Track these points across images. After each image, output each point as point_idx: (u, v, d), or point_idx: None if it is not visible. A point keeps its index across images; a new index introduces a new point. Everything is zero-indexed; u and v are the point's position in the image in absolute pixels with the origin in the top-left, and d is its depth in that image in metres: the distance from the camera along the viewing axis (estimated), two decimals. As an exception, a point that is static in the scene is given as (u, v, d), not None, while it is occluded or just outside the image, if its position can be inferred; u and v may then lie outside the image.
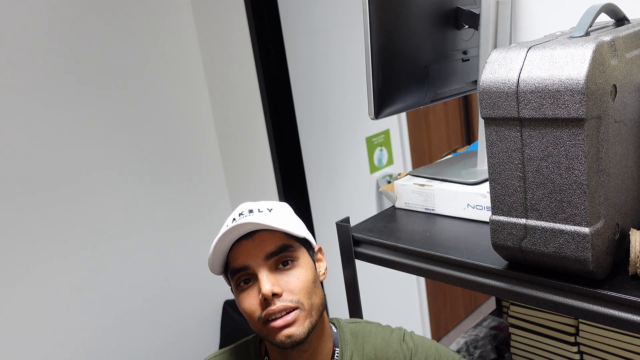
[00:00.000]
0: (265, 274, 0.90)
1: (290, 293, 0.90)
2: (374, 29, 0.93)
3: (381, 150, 2.46)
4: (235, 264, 0.93)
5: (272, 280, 0.90)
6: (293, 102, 2.10)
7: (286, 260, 0.93)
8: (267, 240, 0.92)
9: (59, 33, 1.80)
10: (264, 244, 0.92)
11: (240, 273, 0.93)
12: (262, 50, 2.00)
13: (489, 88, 0.74)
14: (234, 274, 0.94)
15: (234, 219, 0.95)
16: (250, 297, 0.92)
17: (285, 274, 0.92)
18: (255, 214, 0.94)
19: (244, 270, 0.92)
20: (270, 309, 0.89)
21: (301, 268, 0.94)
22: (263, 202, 0.99)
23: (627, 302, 0.70)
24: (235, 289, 0.96)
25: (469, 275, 0.87)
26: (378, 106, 0.99)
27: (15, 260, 1.75)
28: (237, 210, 0.98)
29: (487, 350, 1.32)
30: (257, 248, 0.92)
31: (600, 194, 0.71)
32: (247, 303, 0.92)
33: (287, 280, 0.92)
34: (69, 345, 1.89)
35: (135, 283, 2.04)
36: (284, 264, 0.93)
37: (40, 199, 1.79)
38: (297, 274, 0.93)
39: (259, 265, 0.91)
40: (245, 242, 0.92)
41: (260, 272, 0.91)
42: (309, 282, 0.93)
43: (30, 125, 1.76)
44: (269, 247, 0.92)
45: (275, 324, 0.89)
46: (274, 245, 0.92)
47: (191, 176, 2.19)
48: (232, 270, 0.94)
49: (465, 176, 1.06)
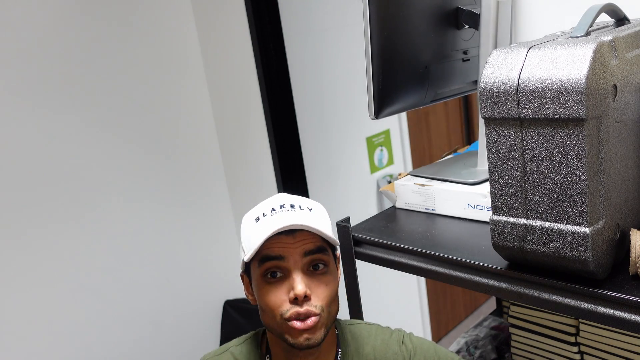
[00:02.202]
0: (300, 274, 0.90)
1: (317, 299, 0.90)
2: (374, 29, 0.93)
3: (381, 150, 2.46)
4: (270, 251, 0.91)
5: (305, 282, 0.89)
6: (293, 102, 2.10)
7: (318, 264, 0.92)
8: (307, 239, 0.91)
9: (59, 33, 1.80)
10: (303, 241, 0.91)
11: (273, 262, 0.91)
12: (262, 50, 2.00)
13: (490, 88, 0.74)
14: (264, 261, 0.91)
15: (273, 208, 0.93)
16: (279, 292, 0.90)
17: (316, 278, 0.91)
18: (297, 211, 0.93)
19: (278, 259, 0.90)
20: (298, 309, 0.88)
21: (330, 275, 0.93)
22: (302, 198, 0.98)
23: (628, 302, 0.70)
24: (260, 278, 0.93)
25: (469, 275, 0.87)
26: (378, 106, 0.99)
27: (15, 259, 1.75)
28: (276, 200, 0.96)
29: (487, 350, 1.32)
30: (296, 244, 0.90)
31: (600, 194, 0.71)
32: (274, 297, 0.90)
33: (318, 285, 0.91)
34: (69, 345, 1.89)
35: (136, 283, 2.04)
36: (314, 268, 0.91)
37: (40, 198, 1.79)
38: (327, 281, 0.92)
39: (295, 262, 0.90)
40: (285, 237, 0.90)
41: (294, 270, 0.90)
42: (334, 291, 0.93)
43: (30, 125, 1.76)
44: (309, 246, 0.91)
45: (296, 325, 0.88)
46: (313, 245, 0.91)
47: (191, 176, 2.19)
48: (265, 257, 0.91)
49: (465, 176, 1.06)
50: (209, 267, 2.27)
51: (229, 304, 2.31)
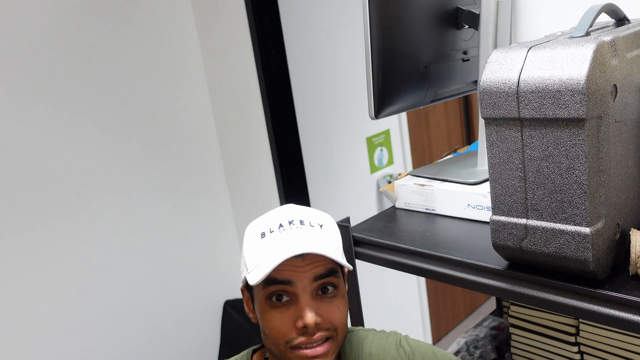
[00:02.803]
0: (309, 301, 0.83)
1: (329, 323, 0.85)
2: (374, 29, 0.93)
3: (381, 150, 2.46)
4: (277, 275, 0.84)
5: (315, 309, 0.83)
6: (293, 102, 2.10)
7: (327, 287, 0.86)
8: (318, 262, 0.84)
9: (58, 33, 1.80)
10: (313, 265, 0.84)
11: (279, 286, 0.84)
12: (262, 50, 2.00)
13: (490, 88, 0.74)
14: (270, 284, 0.84)
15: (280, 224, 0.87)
16: (284, 318, 0.84)
17: (326, 301, 0.86)
18: (307, 229, 0.86)
19: (285, 284, 0.84)
20: (309, 338, 0.83)
21: (341, 298, 0.88)
22: (311, 211, 0.91)
23: (628, 302, 0.70)
24: (264, 301, 0.86)
25: (470, 275, 0.87)
26: (378, 106, 0.99)
27: (15, 259, 1.75)
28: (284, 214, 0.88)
29: (487, 350, 1.32)
30: (306, 267, 0.84)
31: (600, 194, 0.71)
32: (279, 323, 0.84)
33: (328, 310, 0.85)
34: (69, 344, 1.88)
35: (135, 283, 2.04)
36: (324, 291, 0.86)
37: (39, 197, 1.79)
38: (338, 304, 0.87)
39: (304, 287, 0.84)
40: (294, 259, 0.83)
41: (303, 296, 0.84)
42: (346, 315, 0.88)
43: (29, 124, 1.76)
44: (319, 269, 0.84)
45: (306, 352, 0.83)
46: (324, 268, 0.85)
47: (191, 176, 2.19)
48: (271, 280, 0.84)
49: (465, 176, 1.06)
50: (209, 267, 2.27)
51: (229, 304, 2.31)
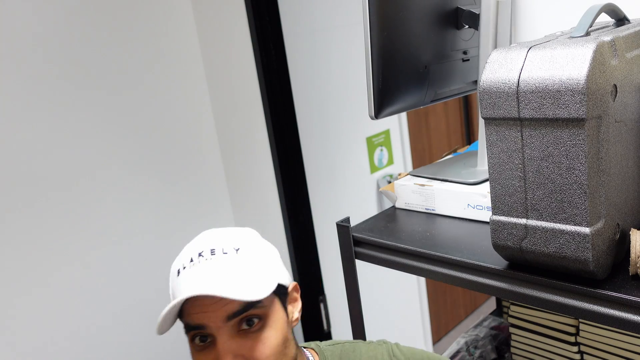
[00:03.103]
0: (225, 341, 0.76)
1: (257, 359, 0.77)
2: (374, 29, 0.93)
3: (381, 150, 2.46)
4: (189, 319, 0.79)
5: (234, 348, 0.76)
6: (293, 102, 2.10)
7: (252, 319, 0.78)
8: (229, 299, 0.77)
9: (58, 33, 1.80)
10: (224, 302, 0.77)
11: (195, 331, 0.79)
12: (262, 50, 2.00)
13: (489, 88, 0.74)
14: (188, 330, 0.80)
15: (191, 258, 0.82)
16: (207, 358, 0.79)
17: (250, 337, 0.77)
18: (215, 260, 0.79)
19: (200, 328, 0.78)
20: None
21: (270, 328, 0.79)
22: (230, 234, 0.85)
23: (628, 302, 0.70)
24: (190, 343, 0.82)
25: (469, 275, 0.87)
26: (378, 106, 0.99)
27: (15, 260, 1.75)
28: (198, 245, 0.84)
29: (487, 350, 1.32)
30: (216, 304, 0.77)
31: (600, 194, 0.71)
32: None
33: (252, 347, 0.77)
34: (69, 344, 1.88)
35: (135, 283, 2.04)
36: (249, 323, 0.78)
37: (40, 199, 1.79)
38: (265, 337, 0.77)
39: (218, 328, 0.77)
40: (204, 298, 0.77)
41: (219, 337, 0.77)
42: (279, 345, 0.79)
43: (29, 124, 1.76)
44: (231, 307, 0.77)
45: None
46: (237, 305, 0.77)
47: (191, 176, 2.19)
48: (187, 326, 0.80)
49: (465, 176, 1.06)
50: (209, 267, 2.27)
51: (229, 304, 2.31)
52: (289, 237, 2.17)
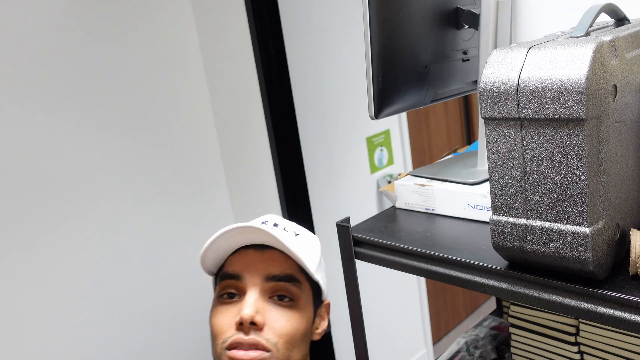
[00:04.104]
0: (254, 296, 0.75)
1: (271, 332, 0.75)
2: (374, 29, 0.93)
3: (381, 150, 2.46)
4: (229, 268, 0.78)
5: (259, 307, 0.74)
6: (293, 102, 2.10)
7: (284, 295, 0.77)
8: (276, 261, 0.77)
9: (58, 33, 1.80)
10: (271, 262, 0.77)
11: (229, 281, 0.77)
12: (262, 50, 2.00)
13: (489, 88, 0.74)
14: (222, 278, 0.78)
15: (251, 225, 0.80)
16: (227, 314, 0.76)
17: (276, 309, 0.76)
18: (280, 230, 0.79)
19: (235, 279, 0.77)
20: (240, 337, 0.73)
21: (296, 312, 0.78)
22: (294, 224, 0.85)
23: (628, 302, 0.70)
24: (216, 299, 0.80)
25: (469, 275, 0.87)
26: (378, 106, 0.99)
27: (15, 260, 1.75)
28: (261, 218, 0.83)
29: (487, 350, 1.32)
30: (261, 263, 0.76)
31: (600, 194, 0.71)
32: (220, 320, 0.77)
33: (274, 317, 0.75)
34: (69, 344, 1.88)
35: (135, 283, 2.04)
36: (280, 298, 0.77)
37: (38, 198, 1.79)
38: (290, 316, 0.77)
39: (254, 283, 0.76)
40: (253, 252, 0.77)
41: (250, 291, 0.75)
42: (298, 332, 0.77)
43: (28, 125, 1.76)
44: (274, 269, 0.77)
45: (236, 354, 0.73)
46: (280, 269, 0.77)
47: (191, 176, 2.19)
48: (223, 274, 0.78)
49: (465, 176, 1.06)
50: (209, 267, 2.27)
51: (229, 304, 2.31)
52: (289, 237, 2.17)
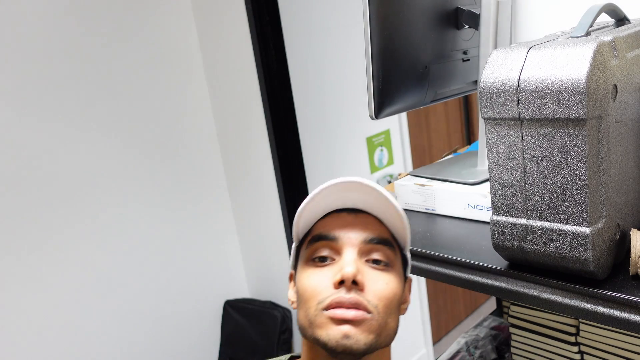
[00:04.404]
0: (353, 256, 0.71)
1: (371, 294, 0.70)
2: (374, 29, 0.93)
3: (381, 151, 2.46)
4: (323, 229, 0.73)
5: (359, 267, 0.70)
6: (293, 102, 2.10)
7: (380, 260, 0.73)
8: (372, 225, 0.74)
9: (58, 34, 1.80)
10: (367, 226, 0.73)
11: (323, 242, 0.72)
12: (262, 50, 2.00)
13: (490, 88, 0.74)
14: (315, 240, 0.73)
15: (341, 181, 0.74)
16: (323, 276, 0.71)
17: (373, 271, 0.72)
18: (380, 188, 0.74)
19: (330, 239, 0.72)
20: (341, 296, 0.68)
21: (393, 277, 0.74)
22: None
23: (628, 302, 0.70)
24: (305, 263, 0.74)
25: (470, 275, 0.87)
26: (378, 106, 0.99)
27: (16, 260, 1.75)
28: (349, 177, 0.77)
29: (487, 350, 1.32)
30: (357, 225, 0.73)
31: (600, 194, 0.71)
32: (314, 281, 0.71)
33: (373, 279, 0.71)
34: (69, 344, 1.88)
35: (136, 283, 2.04)
36: (375, 262, 0.73)
37: (40, 199, 1.79)
38: (388, 279, 0.73)
39: (351, 244, 0.72)
40: (346, 215, 0.73)
41: (347, 251, 0.71)
42: (396, 297, 0.73)
43: (30, 127, 1.76)
44: (371, 232, 0.73)
45: (336, 313, 0.67)
46: (377, 233, 0.73)
47: (191, 176, 2.19)
48: (316, 236, 0.73)
49: (465, 176, 1.06)
50: (209, 267, 2.27)
51: (229, 304, 2.31)
52: (289, 238, 2.17)
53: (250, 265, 2.37)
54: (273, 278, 2.29)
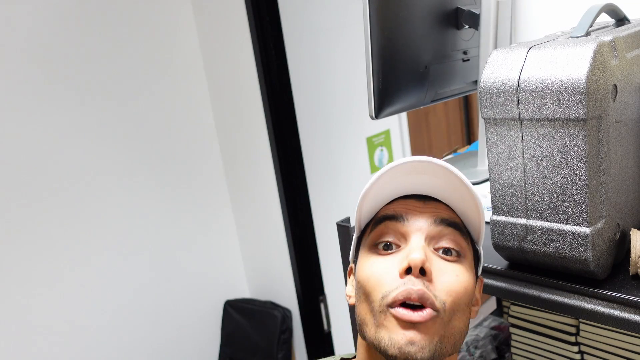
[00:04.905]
0: (421, 242, 0.64)
1: (439, 287, 0.63)
2: (374, 29, 0.93)
3: (382, 151, 2.46)
4: (389, 211, 0.67)
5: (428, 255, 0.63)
6: (293, 102, 2.10)
7: (450, 249, 0.66)
8: (442, 209, 0.67)
9: (58, 34, 1.80)
10: (436, 210, 0.67)
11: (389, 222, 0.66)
12: (262, 50, 2.00)
13: (490, 88, 0.74)
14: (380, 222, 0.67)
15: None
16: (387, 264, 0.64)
17: (444, 262, 0.65)
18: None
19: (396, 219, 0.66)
20: (408, 288, 0.61)
21: (465, 270, 0.66)
22: None
23: (628, 302, 0.70)
24: (367, 250, 0.68)
25: (470, 275, 0.87)
26: (378, 106, 0.99)
27: (16, 260, 1.75)
28: None
29: (487, 350, 1.32)
30: (425, 209, 0.67)
31: (600, 194, 0.71)
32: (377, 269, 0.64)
33: (442, 269, 0.64)
34: (69, 344, 1.88)
35: (136, 283, 2.04)
36: (445, 252, 0.66)
37: (40, 198, 1.79)
38: (459, 271, 0.65)
39: (419, 228, 0.65)
40: (413, 201, 0.68)
41: (414, 235, 0.65)
42: (466, 293, 0.65)
43: (29, 126, 1.76)
44: (442, 213, 0.67)
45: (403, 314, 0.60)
46: (449, 214, 0.67)
47: (191, 176, 2.19)
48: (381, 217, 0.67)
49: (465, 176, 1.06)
50: (209, 267, 2.27)
51: (229, 304, 2.31)
52: (289, 237, 2.17)
53: (250, 265, 2.37)
54: (273, 278, 2.29)
